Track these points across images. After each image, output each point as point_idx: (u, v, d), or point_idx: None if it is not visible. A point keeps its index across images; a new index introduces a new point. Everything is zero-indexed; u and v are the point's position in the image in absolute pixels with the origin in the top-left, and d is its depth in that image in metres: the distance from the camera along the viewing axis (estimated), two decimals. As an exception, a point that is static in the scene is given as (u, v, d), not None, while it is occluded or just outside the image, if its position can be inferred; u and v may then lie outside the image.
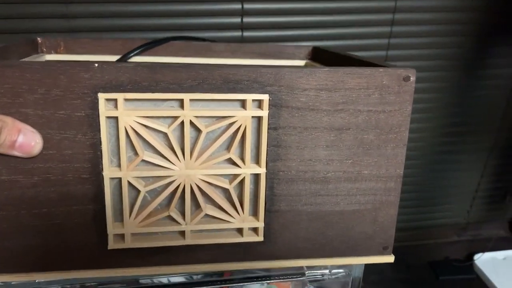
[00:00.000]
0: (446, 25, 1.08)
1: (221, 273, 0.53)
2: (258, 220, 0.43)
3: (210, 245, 0.44)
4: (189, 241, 0.43)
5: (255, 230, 0.44)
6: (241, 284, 0.54)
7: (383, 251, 0.47)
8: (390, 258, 0.48)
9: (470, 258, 1.33)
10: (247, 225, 0.43)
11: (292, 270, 0.53)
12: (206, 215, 0.43)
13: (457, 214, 1.41)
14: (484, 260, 1.31)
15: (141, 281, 0.50)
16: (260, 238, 0.44)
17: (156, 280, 0.51)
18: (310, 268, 0.53)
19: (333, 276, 0.55)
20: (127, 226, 0.42)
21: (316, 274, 0.54)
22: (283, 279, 0.54)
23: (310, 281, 0.55)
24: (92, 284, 0.49)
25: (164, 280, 0.51)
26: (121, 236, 0.42)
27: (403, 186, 0.46)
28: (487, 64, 1.16)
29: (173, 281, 0.52)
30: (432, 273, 1.30)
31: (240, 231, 0.44)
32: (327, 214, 0.44)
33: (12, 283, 0.45)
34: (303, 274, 0.54)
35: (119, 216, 0.42)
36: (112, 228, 0.41)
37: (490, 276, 1.25)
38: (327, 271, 0.54)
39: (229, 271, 0.52)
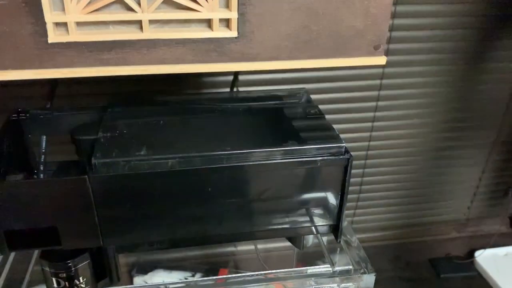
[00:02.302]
0: (448, 17, 1.05)
1: (216, 271, 0.50)
2: (230, 10, 0.35)
3: (174, 41, 0.36)
4: (148, 34, 0.35)
5: (227, 23, 0.36)
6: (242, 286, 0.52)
7: (374, 51, 0.42)
8: (382, 60, 0.42)
9: (471, 254, 1.30)
10: (217, 15, 0.36)
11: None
12: (167, 1, 0.35)
13: (458, 210, 1.38)
14: (485, 257, 1.28)
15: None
16: (233, 33, 0.37)
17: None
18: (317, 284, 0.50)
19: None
20: (69, 13, 0.33)
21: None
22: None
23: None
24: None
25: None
26: (64, 27, 0.34)
27: (403, 182, 0.40)
28: (490, 57, 1.13)
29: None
30: (433, 270, 1.26)
31: (209, 24, 0.36)
32: (312, 2, 0.37)
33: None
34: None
35: (59, 2, 0.34)
36: (50, 15, 0.33)
37: (492, 273, 1.22)
38: (335, 285, 0.52)
39: (225, 277, 0.50)
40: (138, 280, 1.14)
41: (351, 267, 0.53)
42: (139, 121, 0.57)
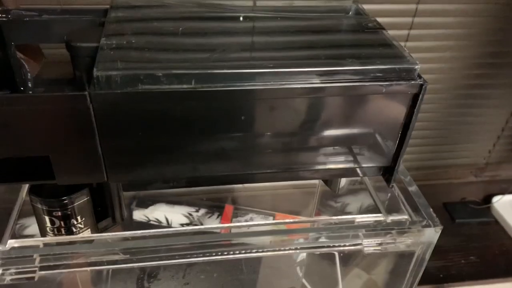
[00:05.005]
0: None
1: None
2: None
3: None
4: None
5: None
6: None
7: None
8: None
9: (487, 200, 1.22)
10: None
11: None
12: None
13: (478, 153, 1.30)
14: (503, 203, 1.22)
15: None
16: None
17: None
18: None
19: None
20: None
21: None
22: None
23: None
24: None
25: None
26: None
27: (423, 122, 0.28)
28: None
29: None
30: (448, 215, 1.19)
31: None
32: None
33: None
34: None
35: None
36: None
37: (509, 219, 1.15)
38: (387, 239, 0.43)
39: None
40: (138, 214, 1.07)
41: (406, 217, 0.43)
42: (151, 27, 0.45)
